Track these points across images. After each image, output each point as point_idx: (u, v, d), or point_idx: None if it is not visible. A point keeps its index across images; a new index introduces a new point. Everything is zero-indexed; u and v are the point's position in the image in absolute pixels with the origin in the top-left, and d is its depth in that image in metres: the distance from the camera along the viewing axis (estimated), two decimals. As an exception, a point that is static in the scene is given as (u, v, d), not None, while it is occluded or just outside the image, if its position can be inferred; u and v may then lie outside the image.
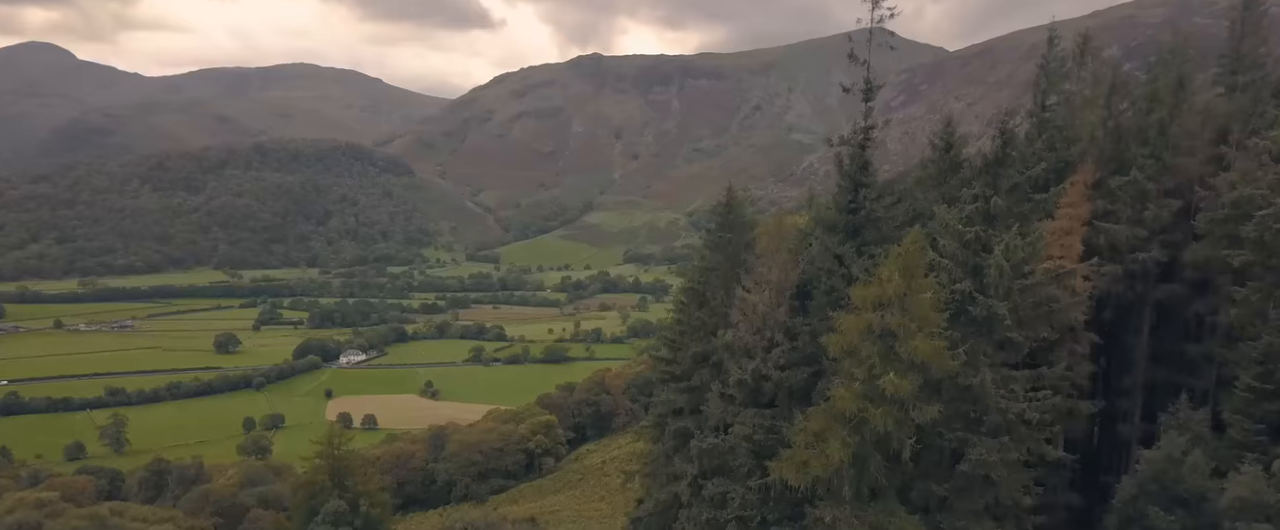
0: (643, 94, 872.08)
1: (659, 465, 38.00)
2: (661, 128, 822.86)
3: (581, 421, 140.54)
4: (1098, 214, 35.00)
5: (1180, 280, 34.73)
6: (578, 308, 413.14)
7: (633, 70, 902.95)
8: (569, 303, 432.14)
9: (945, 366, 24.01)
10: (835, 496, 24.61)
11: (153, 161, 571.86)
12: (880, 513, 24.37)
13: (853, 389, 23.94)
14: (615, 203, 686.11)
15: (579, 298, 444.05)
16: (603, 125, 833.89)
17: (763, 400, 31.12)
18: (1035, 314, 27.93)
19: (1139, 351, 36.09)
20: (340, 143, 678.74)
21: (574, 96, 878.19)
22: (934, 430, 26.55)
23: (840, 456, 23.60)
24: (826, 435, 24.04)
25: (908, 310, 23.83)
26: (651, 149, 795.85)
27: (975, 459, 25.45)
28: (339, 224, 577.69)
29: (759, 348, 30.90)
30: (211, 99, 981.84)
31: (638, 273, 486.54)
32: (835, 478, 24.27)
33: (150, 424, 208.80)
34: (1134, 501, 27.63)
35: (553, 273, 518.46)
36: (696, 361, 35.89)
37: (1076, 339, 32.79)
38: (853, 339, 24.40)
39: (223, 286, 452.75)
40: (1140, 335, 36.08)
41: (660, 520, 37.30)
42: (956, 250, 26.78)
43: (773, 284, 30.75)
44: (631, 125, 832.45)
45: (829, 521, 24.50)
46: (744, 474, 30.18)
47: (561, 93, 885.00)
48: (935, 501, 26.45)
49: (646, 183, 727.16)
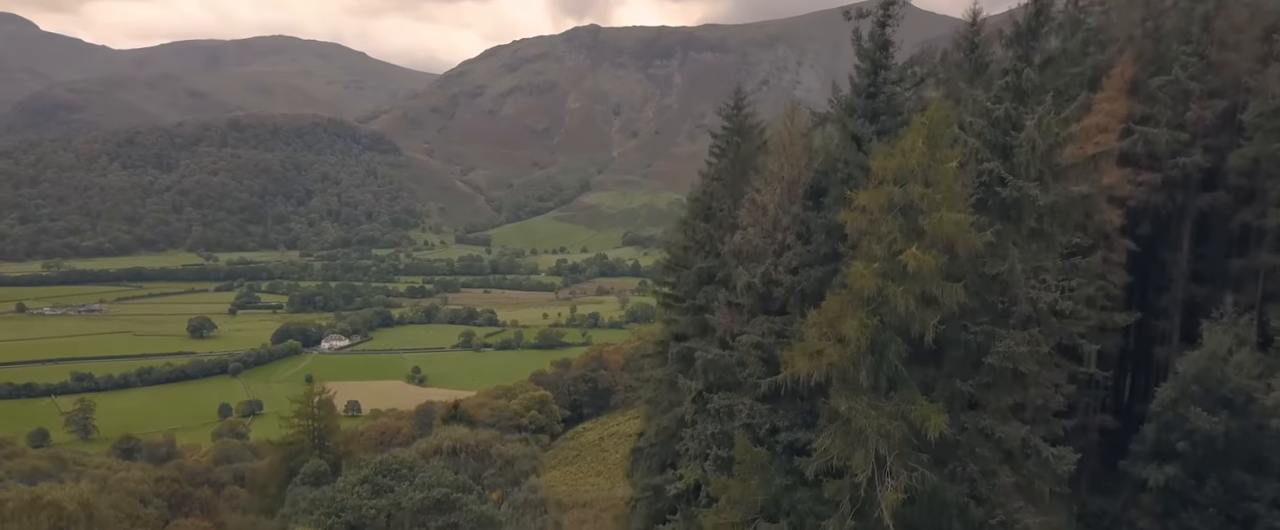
0: (643, 68, 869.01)
1: (662, 392, 37.57)
2: (662, 103, 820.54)
3: (578, 399, 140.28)
4: (1135, 118, 34.44)
5: (1224, 187, 34.15)
6: (574, 292, 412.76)
7: (632, 43, 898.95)
8: (564, 287, 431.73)
9: (970, 243, 23.40)
10: (851, 385, 24.11)
11: (121, 137, 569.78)
12: (900, 402, 23.85)
13: (872, 267, 23.36)
14: (613, 182, 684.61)
15: (575, 282, 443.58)
16: (600, 101, 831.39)
17: (773, 307, 30.61)
18: (1068, 205, 27.35)
19: (1177, 268, 35.59)
20: (321, 118, 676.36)
21: (569, 70, 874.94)
22: (959, 323, 26.05)
23: (857, 337, 23.05)
24: (843, 318, 23.48)
25: (931, 181, 23.21)
26: (652, 126, 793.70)
27: (1003, 351, 24.91)
28: (320, 204, 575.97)
29: (769, 251, 30.36)
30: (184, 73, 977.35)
31: (637, 256, 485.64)
32: (851, 364, 23.75)
33: (119, 411, 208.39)
34: (1174, 405, 27.19)
35: (547, 256, 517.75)
36: (701, 279, 35.35)
37: (1111, 246, 32.31)
38: (872, 215, 23.82)
39: (196, 269, 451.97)
40: (1180, 250, 35.56)
41: (663, 448, 36.89)
42: (984, 129, 26.14)
43: (784, 180, 30.16)
44: (631, 101, 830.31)
45: (844, 411, 24.00)
46: (752, 385, 29.70)
47: (556, 67, 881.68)
48: (961, 401, 25.95)
49: (647, 162, 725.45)
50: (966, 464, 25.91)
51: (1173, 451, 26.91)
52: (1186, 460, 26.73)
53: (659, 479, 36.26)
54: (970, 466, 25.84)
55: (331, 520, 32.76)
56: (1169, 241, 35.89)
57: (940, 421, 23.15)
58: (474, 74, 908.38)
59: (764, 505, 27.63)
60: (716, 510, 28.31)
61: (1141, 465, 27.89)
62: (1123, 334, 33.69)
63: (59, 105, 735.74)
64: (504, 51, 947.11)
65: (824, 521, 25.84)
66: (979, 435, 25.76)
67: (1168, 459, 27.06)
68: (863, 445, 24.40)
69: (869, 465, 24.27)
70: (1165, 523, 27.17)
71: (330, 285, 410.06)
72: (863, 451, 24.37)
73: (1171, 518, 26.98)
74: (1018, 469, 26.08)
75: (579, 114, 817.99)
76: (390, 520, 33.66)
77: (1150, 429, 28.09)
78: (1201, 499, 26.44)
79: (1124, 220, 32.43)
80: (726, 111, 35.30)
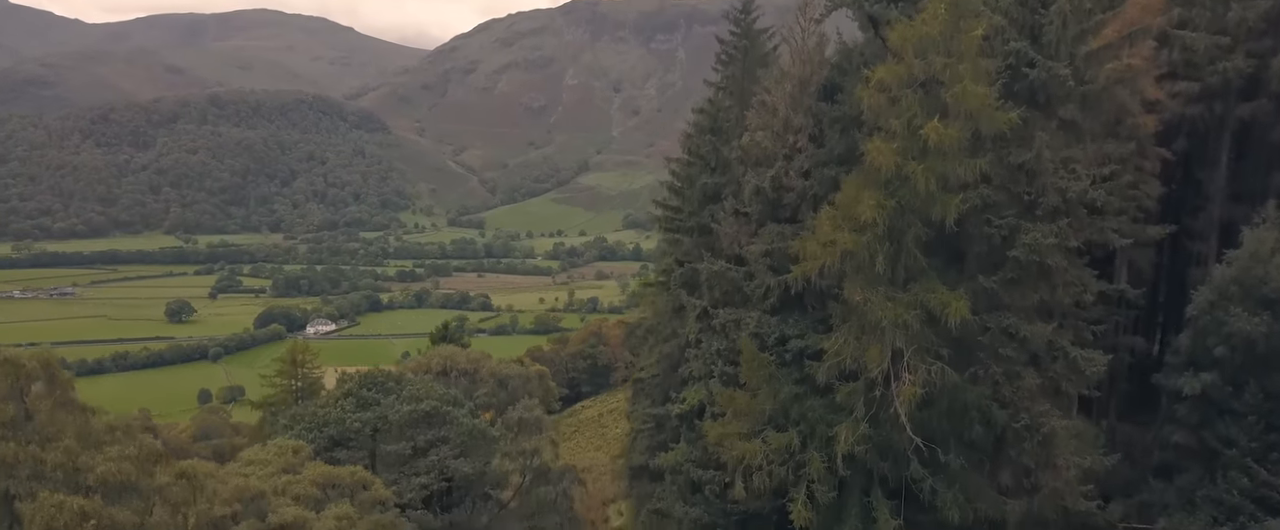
0: (645, 42, 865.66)
1: (664, 320, 37.24)
2: (665, 80, 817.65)
3: (576, 376, 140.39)
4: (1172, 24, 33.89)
5: (1268, 95, 33.64)
6: (572, 276, 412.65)
7: (633, 16, 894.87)
8: (562, 271, 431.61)
9: (995, 121, 22.95)
10: (867, 276, 23.73)
11: (95, 113, 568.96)
12: (919, 291, 23.48)
13: (891, 144, 22.94)
14: (613, 163, 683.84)
15: (573, 266, 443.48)
16: (600, 77, 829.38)
17: (783, 214, 30.22)
18: (1099, 95, 26.90)
19: (1214, 186, 35.12)
20: (306, 95, 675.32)
21: (567, 45, 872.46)
22: (982, 217, 25.68)
23: (875, 220, 22.65)
24: (859, 202, 23.07)
25: (954, 52, 22.77)
26: (654, 103, 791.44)
27: (1029, 244, 24.51)
28: (305, 185, 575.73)
29: (779, 155, 29.95)
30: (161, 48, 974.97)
31: (639, 239, 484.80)
32: (867, 252, 23.36)
33: (93, 396, 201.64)
34: (1212, 308, 26.80)
35: (544, 239, 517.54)
36: (706, 197, 34.97)
37: (1145, 153, 31.86)
38: (891, 92, 23.40)
39: (175, 252, 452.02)
40: (1218, 167, 35.08)
41: (665, 378, 36.61)
42: (1010, 6, 25.67)
43: (795, 78, 29.72)
44: (632, 77, 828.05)
45: (858, 302, 23.63)
46: (761, 297, 29.32)
47: (553, 41, 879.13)
48: (983, 300, 25.56)
49: (649, 141, 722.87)
50: (989, 366, 25.58)
51: (1210, 358, 26.53)
52: (1225, 366, 26.35)
53: (660, 409, 35.99)
54: (993, 368, 25.50)
55: (313, 434, 32.55)
56: (1206, 158, 35.43)
57: (962, 307, 22.79)
58: (467, 49, 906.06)
59: (772, 415, 27.31)
60: (722, 422, 28.00)
61: (1176, 375, 27.54)
62: (1156, 250, 33.29)
63: (30, 81, 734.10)
64: (498, 25, 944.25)
65: (836, 427, 25.54)
66: (1002, 335, 25.40)
67: (1205, 366, 26.70)
68: (878, 339, 24.07)
69: (885, 360, 23.93)
70: (1201, 434, 26.83)
71: (316, 269, 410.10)
72: (878, 346, 24.03)
73: (1208, 428, 26.63)
74: (1043, 371, 25.76)
75: (577, 91, 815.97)
76: (376, 434, 33.43)
77: (1186, 336, 27.74)
78: (1240, 407, 26.07)
79: (1159, 126, 31.97)
80: (734, 15, 34.80)
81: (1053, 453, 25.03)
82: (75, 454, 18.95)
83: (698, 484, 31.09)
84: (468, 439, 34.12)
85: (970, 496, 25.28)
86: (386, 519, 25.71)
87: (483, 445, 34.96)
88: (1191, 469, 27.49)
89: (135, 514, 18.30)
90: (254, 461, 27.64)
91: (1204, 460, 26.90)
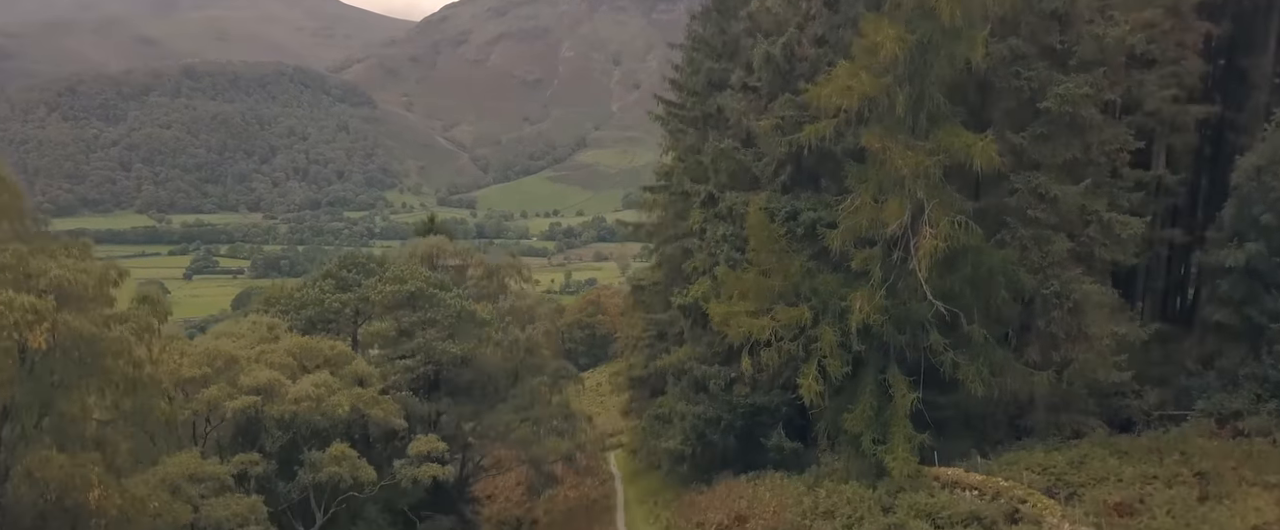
0: (645, 12, 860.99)
1: (667, 222, 36.88)
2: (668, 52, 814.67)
3: (573, 347, 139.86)
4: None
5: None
6: (568, 258, 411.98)
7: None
8: (558, 252, 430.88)
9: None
10: (886, 122, 23.35)
11: (62, 86, 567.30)
12: (943, 137, 23.09)
13: (912, -27, 22.52)
14: (613, 139, 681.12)
15: (570, 246, 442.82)
16: (598, 49, 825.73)
17: (795, 85, 29.78)
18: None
19: (1260, 72, 34.60)
20: (287, 67, 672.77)
21: (564, 15, 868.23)
22: (1010, 69, 25.28)
23: (896, 56, 22.24)
24: (878, 35, 22.66)
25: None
26: (655, 77, 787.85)
27: (1062, 94, 24.13)
28: (286, 161, 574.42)
29: (792, 22, 29.52)
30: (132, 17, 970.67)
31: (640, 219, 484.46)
32: (887, 95, 22.99)
33: None
34: (1258, 174, 26.39)
35: (540, 219, 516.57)
36: (711, 83, 34.52)
37: (1186, 26, 31.34)
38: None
39: (148, 232, 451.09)
40: (1265, 52, 34.56)
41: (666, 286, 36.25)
42: None
43: (809, -62, 29.21)
44: (632, 49, 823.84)
45: (877, 151, 23.25)
46: (771, 174, 28.95)
47: (549, 11, 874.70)
48: (1011, 159, 25.19)
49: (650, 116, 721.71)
50: (1017, 229, 25.25)
51: (1255, 226, 26.15)
52: (1272, 235, 25.96)
53: (663, 315, 35.66)
54: (1021, 232, 25.20)
55: (291, 316, 32.17)
56: (1253, 43, 34.90)
57: (990, 150, 22.46)
58: (457, 19, 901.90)
59: (783, 293, 27.00)
60: (728, 302, 27.68)
61: (1218, 250, 27.18)
62: (1197, 133, 32.82)
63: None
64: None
65: (850, 298, 25.20)
66: (1032, 196, 25.09)
67: (1249, 237, 26.32)
68: (898, 192, 23.75)
69: (905, 213, 23.60)
70: (1245, 311, 26.50)
71: (298, 249, 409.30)
72: (898, 199, 23.73)
73: (1253, 304, 26.30)
74: (1075, 235, 25.40)
75: (574, 63, 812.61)
76: (357, 315, 33.05)
77: (1229, 206, 27.40)
78: (1287, 280, 25.75)
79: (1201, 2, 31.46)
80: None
81: (1083, 321, 24.73)
82: (24, 257, 18.54)
83: (702, 381, 30.80)
84: (455, 322, 33.67)
85: (995, 370, 24.99)
86: (368, 393, 25.32)
87: (472, 329, 34.45)
88: (1232, 352, 27.19)
89: (94, 325, 17.90)
90: (227, 334, 27.27)
91: (1248, 338, 26.59)
